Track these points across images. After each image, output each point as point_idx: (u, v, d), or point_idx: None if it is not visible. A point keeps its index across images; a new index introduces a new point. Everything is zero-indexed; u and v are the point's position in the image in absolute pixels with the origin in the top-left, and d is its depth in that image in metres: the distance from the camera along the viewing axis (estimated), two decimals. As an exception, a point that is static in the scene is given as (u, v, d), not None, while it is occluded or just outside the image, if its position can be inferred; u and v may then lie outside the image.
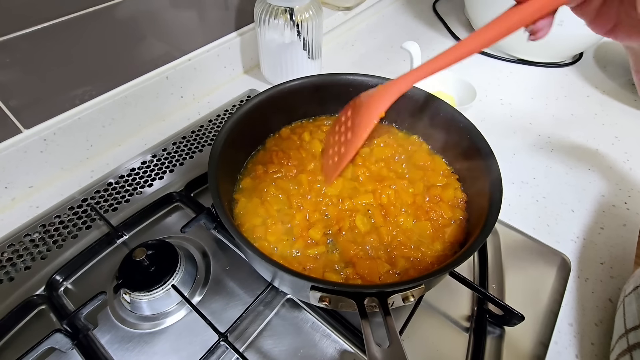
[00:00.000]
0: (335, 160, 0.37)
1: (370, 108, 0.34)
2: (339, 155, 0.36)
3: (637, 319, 0.32)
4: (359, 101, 0.37)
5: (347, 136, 0.36)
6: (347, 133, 0.36)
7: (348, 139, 0.36)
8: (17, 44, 0.41)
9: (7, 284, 0.40)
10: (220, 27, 0.63)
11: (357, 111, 0.36)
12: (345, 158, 0.35)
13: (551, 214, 0.49)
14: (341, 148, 0.36)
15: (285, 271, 0.28)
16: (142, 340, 0.37)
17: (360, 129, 0.34)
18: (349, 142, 0.35)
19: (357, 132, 0.34)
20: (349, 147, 0.35)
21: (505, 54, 0.79)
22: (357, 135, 0.34)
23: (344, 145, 0.36)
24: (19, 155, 0.46)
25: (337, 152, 0.37)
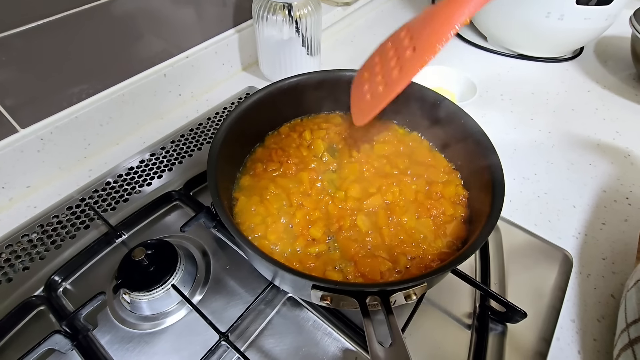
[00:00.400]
0: (381, 90, 0.32)
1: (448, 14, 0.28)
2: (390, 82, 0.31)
3: (638, 312, 0.32)
4: (423, 15, 0.31)
5: (405, 55, 0.31)
6: (405, 52, 0.31)
7: (407, 57, 0.30)
8: (12, 42, 0.41)
9: (5, 285, 0.39)
10: (217, 23, 0.63)
11: (425, 23, 0.30)
12: (404, 79, 0.30)
13: (552, 210, 0.49)
14: (393, 72, 0.31)
15: (286, 270, 0.27)
16: (143, 340, 0.37)
17: (436, 37, 0.28)
18: (411, 60, 0.29)
19: (430, 43, 0.28)
20: (409, 64, 0.29)
21: (506, 49, 0.78)
22: (430, 47, 0.28)
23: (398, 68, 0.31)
24: (16, 154, 0.46)
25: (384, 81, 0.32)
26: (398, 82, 0.30)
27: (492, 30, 0.78)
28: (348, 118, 0.49)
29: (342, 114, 0.50)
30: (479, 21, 0.80)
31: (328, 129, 0.47)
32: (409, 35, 0.31)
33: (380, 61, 0.33)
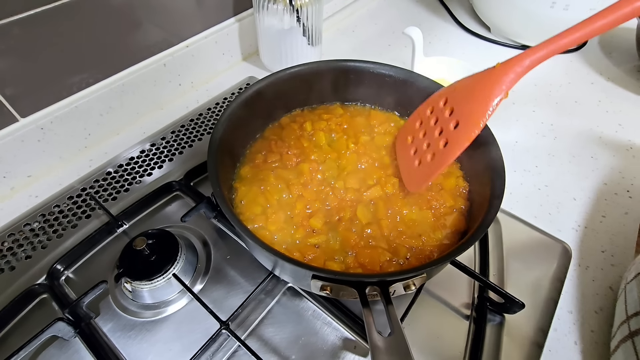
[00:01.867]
0: (429, 160, 0.34)
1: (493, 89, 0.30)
2: (437, 152, 0.33)
3: (639, 305, 0.33)
4: (457, 88, 0.34)
5: (449, 128, 0.33)
6: (449, 124, 0.33)
7: (452, 131, 0.33)
8: (11, 30, 0.40)
9: (8, 273, 0.40)
10: (218, 12, 0.62)
11: (464, 97, 0.33)
12: (452, 154, 0.32)
13: (553, 202, 0.49)
14: (439, 143, 0.34)
15: (287, 260, 0.27)
16: (144, 328, 0.37)
17: (478, 115, 0.30)
18: (458, 135, 0.32)
19: (473, 120, 0.31)
20: (458, 140, 0.32)
21: (509, 40, 0.77)
22: (473, 124, 0.31)
23: (444, 139, 0.33)
24: (17, 144, 0.46)
25: (433, 150, 0.34)
26: (448, 154, 0.32)
27: (495, 20, 0.77)
28: (349, 109, 0.49)
29: (342, 104, 0.50)
30: (482, 11, 0.79)
31: (329, 120, 0.47)
32: (450, 106, 0.34)
33: (423, 127, 0.36)
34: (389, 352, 0.22)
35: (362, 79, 0.47)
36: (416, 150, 0.36)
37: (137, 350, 0.36)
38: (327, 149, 0.44)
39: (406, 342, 0.23)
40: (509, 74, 0.30)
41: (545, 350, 0.36)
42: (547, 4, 0.66)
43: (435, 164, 0.33)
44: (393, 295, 0.28)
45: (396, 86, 0.46)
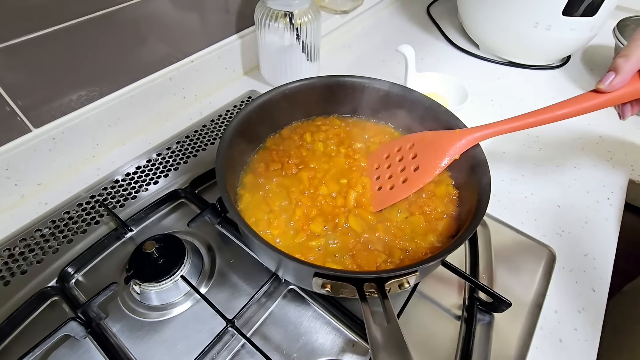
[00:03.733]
0: (388, 189, 0.41)
1: (448, 149, 0.39)
2: (396, 185, 0.41)
3: None
4: (425, 138, 0.42)
5: (410, 169, 0.41)
6: (410, 166, 0.41)
7: (412, 173, 0.40)
8: (27, 47, 0.43)
9: (20, 276, 0.41)
10: (221, 29, 0.65)
11: (425, 147, 0.41)
12: (408, 191, 0.40)
13: (538, 209, 0.52)
14: (399, 178, 0.41)
15: (290, 259, 0.30)
16: (152, 328, 0.39)
17: (433, 166, 0.39)
18: (415, 176, 0.40)
19: (428, 169, 0.39)
20: (415, 181, 0.40)
21: (497, 57, 0.82)
22: (428, 172, 0.39)
23: (405, 177, 0.41)
24: (29, 153, 0.48)
25: (394, 182, 0.41)
26: (403, 190, 0.40)
27: (483, 38, 0.81)
28: (345, 121, 0.52)
29: (340, 117, 0.53)
30: (471, 29, 0.84)
31: (327, 131, 0.50)
32: (414, 151, 0.41)
33: (387, 161, 0.43)
34: (385, 340, 0.25)
35: (358, 93, 0.50)
36: (379, 177, 0.43)
37: (145, 349, 0.37)
38: (325, 159, 0.47)
39: (400, 331, 0.25)
40: (462, 140, 0.39)
41: (532, 347, 0.39)
42: (531, 24, 0.70)
43: (394, 195, 0.40)
44: (389, 292, 0.31)
45: (390, 100, 0.49)
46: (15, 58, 0.42)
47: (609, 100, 0.35)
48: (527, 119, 0.39)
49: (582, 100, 0.36)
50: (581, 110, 0.36)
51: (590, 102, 0.36)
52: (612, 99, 0.35)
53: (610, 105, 0.36)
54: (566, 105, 0.37)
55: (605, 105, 0.36)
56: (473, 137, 0.39)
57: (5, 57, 0.41)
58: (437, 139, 0.40)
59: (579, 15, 0.68)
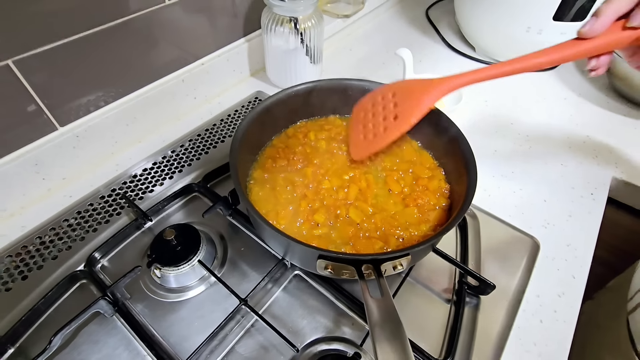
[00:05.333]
0: (371, 138, 0.41)
1: (422, 98, 0.38)
2: (376, 135, 0.40)
3: None
4: (404, 87, 0.41)
5: (389, 119, 0.40)
6: (390, 116, 0.40)
7: (391, 122, 0.40)
8: (56, 52, 0.47)
9: (51, 261, 0.46)
10: (230, 34, 0.69)
11: (404, 97, 0.40)
12: (386, 139, 0.39)
13: (526, 204, 0.56)
14: (380, 128, 0.41)
15: (298, 243, 0.34)
16: (171, 308, 0.43)
17: (409, 115, 0.38)
18: (394, 125, 0.39)
19: (405, 118, 0.38)
20: (392, 129, 0.39)
21: (492, 59, 0.85)
22: (405, 121, 0.38)
23: (384, 127, 0.40)
24: (55, 150, 0.52)
25: (374, 131, 0.41)
26: (383, 139, 0.40)
27: (479, 41, 0.85)
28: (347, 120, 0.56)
29: (342, 117, 0.57)
30: (468, 32, 0.87)
31: (330, 130, 0.54)
32: (394, 100, 0.41)
33: (372, 109, 0.43)
34: (379, 309, 0.29)
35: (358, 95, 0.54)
36: (364, 126, 0.43)
37: (165, 327, 0.41)
38: (327, 156, 0.51)
39: (393, 302, 0.29)
40: (438, 89, 0.39)
41: (514, 327, 0.43)
42: (524, 29, 0.74)
43: (374, 144, 0.40)
44: (384, 273, 0.35)
45: (388, 101, 0.53)
46: (44, 62, 0.46)
47: (588, 49, 0.34)
48: (503, 67, 0.38)
49: (562, 48, 0.35)
50: (560, 59, 0.35)
51: (570, 51, 0.34)
52: (591, 48, 0.34)
53: (590, 55, 0.35)
54: (545, 54, 0.36)
55: (585, 54, 0.35)
56: (449, 86, 0.39)
57: (36, 61, 0.46)
58: (416, 88, 0.40)
59: (568, 20, 0.71)
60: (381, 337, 0.28)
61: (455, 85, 0.39)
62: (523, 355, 0.41)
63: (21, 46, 0.44)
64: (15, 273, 0.44)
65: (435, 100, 0.38)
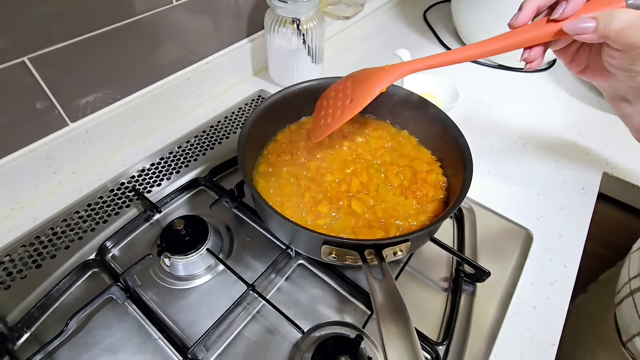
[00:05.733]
0: (329, 121, 0.44)
1: (374, 82, 0.41)
2: (334, 117, 0.44)
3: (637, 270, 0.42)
4: (361, 74, 0.44)
5: (345, 102, 0.43)
6: (346, 100, 0.43)
7: (347, 105, 0.43)
8: (68, 51, 0.49)
9: (64, 251, 0.47)
10: (234, 34, 0.71)
11: (359, 82, 0.43)
12: (341, 120, 0.42)
13: (520, 197, 0.58)
14: (337, 111, 0.44)
15: (304, 229, 0.36)
16: (180, 295, 0.45)
17: (362, 97, 0.41)
18: (348, 108, 0.42)
19: (358, 100, 0.41)
20: (346, 111, 0.42)
21: (487, 60, 0.88)
22: (357, 103, 0.41)
23: (340, 110, 0.43)
24: (66, 145, 0.54)
25: (332, 114, 0.44)
26: (338, 120, 0.42)
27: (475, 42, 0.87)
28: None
29: (343, 114, 0.59)
30: (464, 34, 0.90)
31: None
32: (352, 87, 0.44)
33: (334, 96, 0.46)
34: (382, 288, 0.31)
35: (359, 92, 0.56)
36: (325, 112, 0.46)
37: (175, 312, 0.43)
38: (329, 150, 0.53)
39: (394, 281, 0.31)
40: (389, 75, 0.41)
41: (509, 313, 0.45)
42: (518, 30, 0.76)
43: (331, 125, 0.43)
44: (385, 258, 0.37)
45: (388, 99, 0.55)
46: (56, 60, 0.48)
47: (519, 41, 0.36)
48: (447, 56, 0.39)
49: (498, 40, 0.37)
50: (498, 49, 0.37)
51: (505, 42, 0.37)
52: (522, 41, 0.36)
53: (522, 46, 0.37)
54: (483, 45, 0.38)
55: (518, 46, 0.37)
56: (399, 72, 0.41)
57: (49, 59, 0.47)
58: (370, 74, 0.43)
59: (561, 23, 0.74)
60: (385, 316, 0.30)
61: (405, 72, 0.41)
62: (517, 338, 0.43)
63: (36, 44, 0.46)
64: (29, 262, 0.46)
65: (386, 84, 0.41)
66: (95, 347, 0.40)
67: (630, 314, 0.44)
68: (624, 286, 0.47)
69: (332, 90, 0.47)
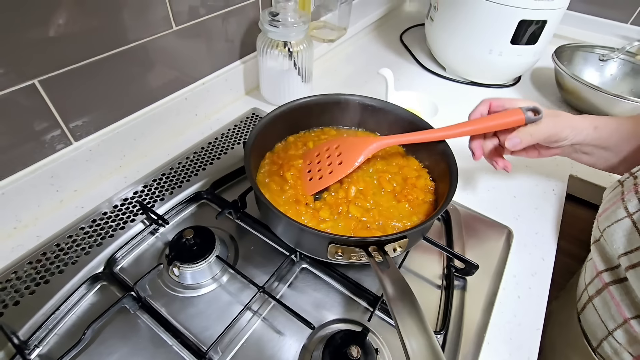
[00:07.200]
0: (319, 179, 0.52)
1: (362, 149, 0.51)
2: (325, 175, 0.51)
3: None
4: (347, 141, 0.54)
5: (337, 163, 0.52)
6: (337, 161, 0.52)
7: (337, 166, 0.51)
8: (74, 74, 0.51)
9: (71, 265, 0.48)
10: (227, 56, 0.76)
11: (347, 148, 0.53)
12: (333, 179, 0.50)
13: (499, 199, 0.64)
14: (327, 171, 0.52)
15: (311, 230, 0.39)
16: (189, 303, 0.46)
17: (352, 161, 0.51)
18: (339, 169, 0.51)
19: (349, 163, 0.51)
20: (338, 172, 0.51)
21: (460, 77, 0.96)
22: (348, 165, 0.51)
23: (332, 169, 0.52)
24: (69, 163, 0.55)
25: (323, 172, 0.52)
26: (330, 178, 0.51)
27: (449, 62, 0.95)
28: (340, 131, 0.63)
29: (335, 127, 0.63)
30: (438, 54, 0.98)
31: (326, 140, 0.60)
32: (340, 150, 0.53)
33: (319, 158, 0.54)
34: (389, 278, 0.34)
35: (350, 107, 0.61)
36: (310, 170, 0.54)
37: (185, 319, 0.45)
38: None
39: (398, 270, 0.35)
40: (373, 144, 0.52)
41: (496, 303, 0.49)
42: (486, 51, 0.85)
43: (322, 182, 0.51)
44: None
45: (376, 113, 0.60)
46: (63, 83, 0.50)
47: (472, 130, 0.53)
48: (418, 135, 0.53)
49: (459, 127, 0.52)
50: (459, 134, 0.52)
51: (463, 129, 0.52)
52: (474, 129, 0.53)
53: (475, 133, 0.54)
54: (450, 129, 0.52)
55: (470, 133, 0.53)
56: (380, 144, 0.52)
57: (57, 82, 0.50)
58: (356, 142, 0.53)
59: (523, 44, 0.83)
60: (398, 304, 0.33)
61: (385, 145, 0.53)
62: (505, 325, 0.47)
63: (46, 67, 0.48)
64: (37, 277, 0.46)
65: (371, 152, 0.52)
66: (111, 356, 0.41)
67: (594, 320, 0.47)
68: (582, 293, 0.50)
69: (316, 152, 0.56)
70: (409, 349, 0.30)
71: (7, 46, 0.43)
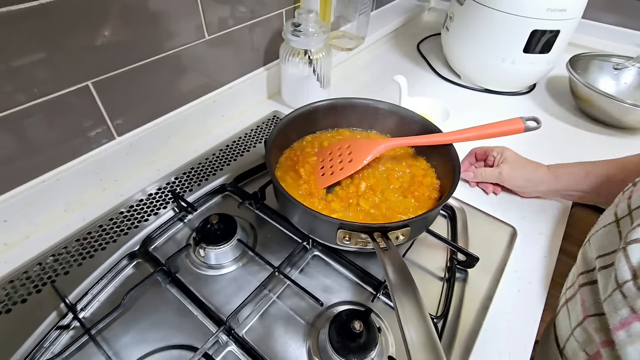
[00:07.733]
0: (331, 174, 0.56)
1: (371, 149, 0.56)
2: (336, 171, 0.56)
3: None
4: (359, 142, 0.60)
5: (347, 161, 0.57)
6: (347, 159, 0.57)
7: (349, 163, 0.56)
8: (120, 76, 0.58)
9: (112, 244, 0.55)
10: (252, 63, 0.82)
11: (358, 148, 0.58)
12: (343, 174, 0.55)
13: (505, 201, 0.66)
14: (338, 167, 0.57)
15: (322, 216, 0.44)
16: (213, 280, 0.52)
17: (361, 159, 0.56)
18: (349, 166, 0.56)
19: (358, 161, 0.56)
20: (348, 168, 0.56)
21: (475, 85, 0.99)
22: (358, 162, 0.56)
23: (342, 166, 0.57)
24: (112, 156, 0.62)
25: (334, 168, 0.57)
26: (340, 174, 0.55)
27: (463, 70, 0.99)
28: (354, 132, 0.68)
29: (350, 129, 0.68)
30: (454, 63, 1.01)
31: (340, 140, 0.65)
32: (350, 150, 0.59)
33: (331, 156, 0.60)
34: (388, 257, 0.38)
35: (364, 111, 0.66)
36: (323, 167, 0.58)
37: (208, 294, 0.50)
38: (339, 160, 0.62)
39: (398, 251, 0.39)
40: (382, 145, 0.57)
41: (496, 295, 0.52)
42: (499, 60, 0.88)
43: (334, 177, 0.55)
44: (390, 241, 0.44)
45: (389, 116, 0.65)
46: (111, 84, 0.58)
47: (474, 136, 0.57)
48: (423, 139, 0.57)
49: (462, 132, 0.57)
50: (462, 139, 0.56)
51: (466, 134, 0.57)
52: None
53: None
54: (456, 134, 0.57)
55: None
56: (388, 145, 0.57)
57: (107, 83, 0.57)
58: (366, 142, 0.58)
59: (536, 53, 0.85)
60: (397, 288, 0.37)
61: (392, 146, 0.58)
62: (504, 315, 0.50)
63: (98, 70, 0.56)
64: (83, 252, 0.53)
65: (379, 152, 0.56)
66: (144, 322, 0.47)
67: (563, 321, 0.45)
68: (561, 297, 0.49)
69: (328, 150, 0.61)
70: (407, 334, 0.33)
71: (64, 53, 0.51)
